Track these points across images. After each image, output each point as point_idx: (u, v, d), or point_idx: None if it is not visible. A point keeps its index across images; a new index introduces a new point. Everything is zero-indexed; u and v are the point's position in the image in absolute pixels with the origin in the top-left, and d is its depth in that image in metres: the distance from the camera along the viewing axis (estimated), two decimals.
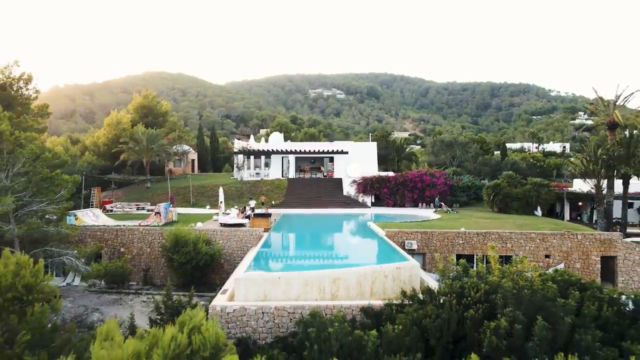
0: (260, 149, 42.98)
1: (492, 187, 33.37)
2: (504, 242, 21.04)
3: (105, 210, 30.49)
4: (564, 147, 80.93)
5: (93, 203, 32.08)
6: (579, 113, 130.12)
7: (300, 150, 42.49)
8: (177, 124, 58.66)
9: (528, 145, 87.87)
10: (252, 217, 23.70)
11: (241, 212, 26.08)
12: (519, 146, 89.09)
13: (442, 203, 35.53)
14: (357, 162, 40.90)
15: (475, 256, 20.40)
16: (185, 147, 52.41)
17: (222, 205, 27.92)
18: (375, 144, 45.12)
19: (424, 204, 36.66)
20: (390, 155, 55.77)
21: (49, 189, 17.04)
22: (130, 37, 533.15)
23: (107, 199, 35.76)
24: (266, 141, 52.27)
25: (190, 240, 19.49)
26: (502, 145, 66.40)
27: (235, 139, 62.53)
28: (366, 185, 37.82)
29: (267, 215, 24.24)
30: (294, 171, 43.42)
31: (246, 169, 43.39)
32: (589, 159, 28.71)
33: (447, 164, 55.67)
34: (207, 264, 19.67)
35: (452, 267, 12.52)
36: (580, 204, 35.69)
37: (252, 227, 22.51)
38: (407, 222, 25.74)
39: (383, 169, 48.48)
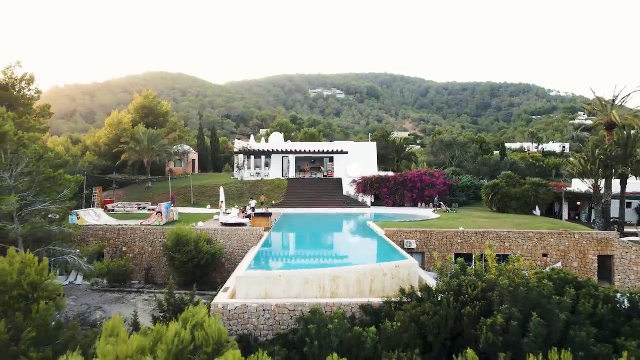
0: (261, 149, 43.11)
1: (491, 187, 33.52)
2: (502, 241, 21.21)
3: (106, 210, 30.66)
4: (563, 147, 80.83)
5: (95, 203, 32.28)
6: (578, 113, 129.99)
7: (300, 150, 42.64)
8: (178, 124, 58.87)
9: (528, 145, 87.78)
10: (253, 217, 23.88)
11: (242, 212, 26.27)
12: (518, 146, 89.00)
13: (442, 203, 35.68)
14: (357, 162, 41.07)
15: (474, 255, 20.66)
16: (186, 147, 52.59)
17: (223, 205, 28.10)
18: (375, 144, 45.28)
19: (424, 204, 36.84)
20: (390, 155, 55.90)
21: (52, 189, 17.24)
22: (131, 37, 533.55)
23: (109, 198, 35.97)
24: (266, 141, 52.40)
25: (192, 240, 19.68)
26: (501, 145, 66.47)
27: (235, 139, 62.74)
28: (366, 185, 37.98)
29: (267, 214, 24.41)
30: (294, 171, 43.57)
31: (247, 169, 43.55)
32: (587, 159, 28.88)
33: (447, 164, 55.84)
34: (208, 263, 19.86)
35: (450, 265, 12.68)
36: (579, 203, 35.87)
37: (253, 227, 22.68)
38: (406, 221, 25.89)
39: (383, 169, 48.63)
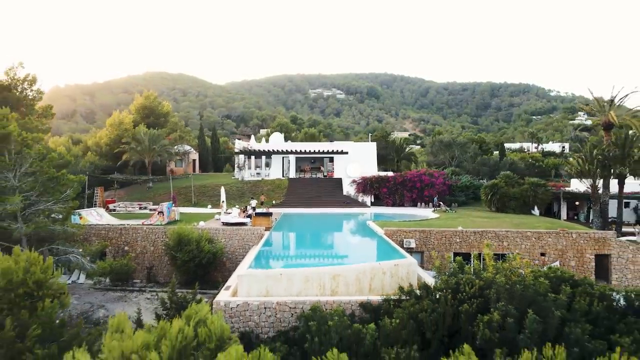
0: (261, 149, 43.29)
1: (490, 187, 33.68)
2: (501, 240, 21.37)
3: (108, 210, 30.83)
4: (563, 147, 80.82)
5: (96, 203, 32.47)
6: (578, 113, 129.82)
7: (300, 150, 42.82)
8: (178, 125, 59.05)
9: (527, 145, 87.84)
10: (254, 217, 24.06)
11: (243, 212, 26.45)
12: (518, 146, 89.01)
13: (441, 202, 35.87)
14: (356, 162, 41.25)
15: (472, 254, 20.86)
16: (187, 147, 52.80)
17: (224, 204, 28.29)
18: (374, 144, 45.45)
19: (423, 204, 37.02)
20: (389, 155, 56.09)
21: (55, 189, 17.42)
22: (131, 37, 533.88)
23: (110, 198, 36.16)
24: (266, 141, 52.57)
25: (193, 239, 19.87)
26: (500, 145, 66.60)
27: (236, 139, 62.89)
28: (366, 185, 38.15)
29: (268, 214, 24.60)
30: (295, 171, 43.75)
31: (247, 169, 43.73)
32: (585, 159, 29.07)
33: (446, 164, 56.02)
34: (209, 262, 20.04)
35: (448, 264, 12.86)
36: (577, 203, 36.07)
37: (254, 226, 22.86)
38: (405, 221, 26.05)
39: (382, 169, 48.81)
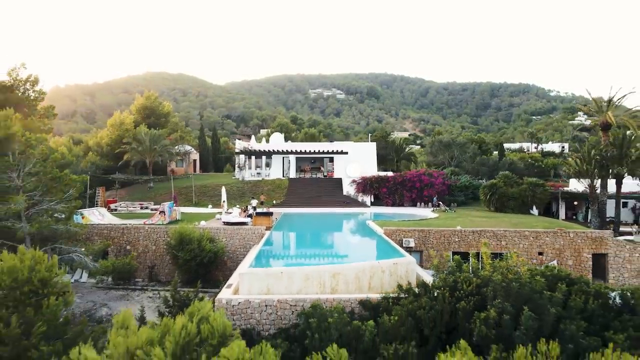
0: (261, 149, 43.47)
1: (489, 187, 33.83)
2: (499, 239, 21.57)
3: (109, 210, 30.99)
4: (562, 147, 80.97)
5: (98, 202, 32.63)
6: (578, 113, 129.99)
7: (300, 150, 43.01)
8: (179, 125, 59.30)
9: (527, 145, 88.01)
10: (254, 216, 24.24)
11: (243, 211, 26.64)
12: (518, 146, 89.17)
13: (440, 202, 36.05)
14: (356, 162, 41.43)
15: (470, 253, 21.05)
16: (187, 147, 53.02)
17: (224, 204, 28.49)
18: (374, 144, 45.63)
19: (422, 204, 37.20)
20: (389, 155, 56.29)
21: (58, 189, 17.60)
22: (131, 37, 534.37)
23: (111, 198, 36.34)
24: (267, 141, 52.75)
25: (195, 238, 20.05)
26: (499, 145, 66.79)
27: (236, 139, 63.07)
28: (365, 185, 38.33)
29: (269, 214, 24.76)
30: (295, 171, 43.94)
31: (247, 169, 43.92)
32: (583, 159, 29.25)
33: (446, 164, 56.18)
34: (211, 261, 20.22)
35: (446, 263, 13.05)
36: (576, 203, 36.27)
37: (254, 226, 23.03)
38: (405, 220, 26.24)
39: (382, 169, 48.99)
